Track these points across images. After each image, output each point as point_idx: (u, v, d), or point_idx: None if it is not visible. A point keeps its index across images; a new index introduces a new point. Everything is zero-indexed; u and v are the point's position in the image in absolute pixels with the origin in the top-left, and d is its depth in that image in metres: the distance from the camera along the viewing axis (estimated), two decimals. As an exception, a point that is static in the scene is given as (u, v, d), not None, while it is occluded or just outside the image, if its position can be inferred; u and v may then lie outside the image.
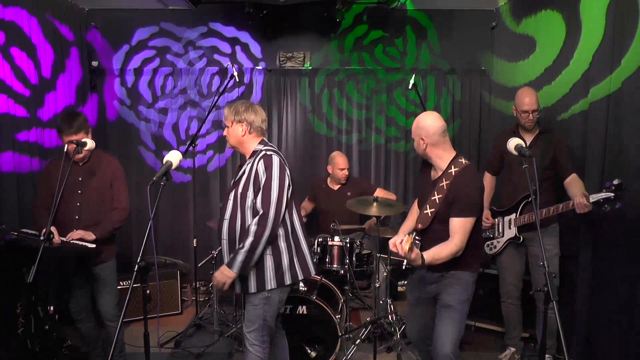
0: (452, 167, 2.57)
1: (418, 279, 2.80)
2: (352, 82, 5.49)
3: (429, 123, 2.58)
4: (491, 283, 4.08)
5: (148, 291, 4.10)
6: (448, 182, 2.55)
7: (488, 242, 3.69)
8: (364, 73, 5.46)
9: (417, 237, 2.66)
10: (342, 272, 4.01)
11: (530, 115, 3.41)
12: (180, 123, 5.48)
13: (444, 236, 2.53)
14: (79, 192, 3.14)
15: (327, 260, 4.02)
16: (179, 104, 5.43)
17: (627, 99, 3.07)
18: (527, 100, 3.41)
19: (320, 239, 4.03)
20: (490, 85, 5.28)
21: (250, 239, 2.56)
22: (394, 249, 2.31)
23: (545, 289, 2.09)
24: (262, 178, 2.60)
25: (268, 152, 2.65)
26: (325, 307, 3.51)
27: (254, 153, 2.71)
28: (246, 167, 2.68)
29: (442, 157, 2.62)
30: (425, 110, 4.56)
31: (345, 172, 4.73)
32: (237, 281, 2.67)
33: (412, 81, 4.28)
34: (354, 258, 4.10)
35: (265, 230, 2.56)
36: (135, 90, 5.43)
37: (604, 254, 3.25)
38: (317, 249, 3.96)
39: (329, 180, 4.88)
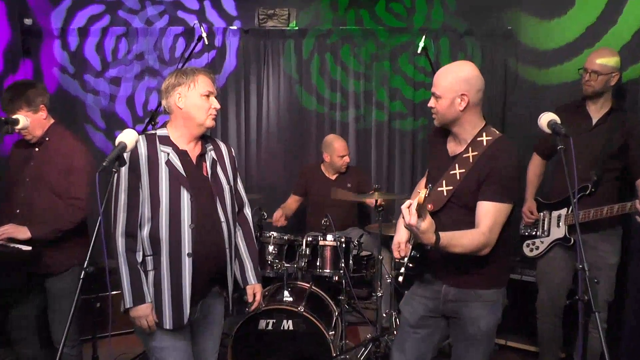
0: (484, 134, 2.41)
1: (426, 292, 2.61)
2: (348, 46, 5.46)
3: (474, 74, 2.41)
4: (523, 291, 4.07)
5: (98, 304, 4.06)
6: (476, 153, 2.39)
7: (529, 242, 3.66)
8: (363, 35, 5.42)
9: None
10: (337, 278, 3.99)
11: (587, 75, 3.33)
12: (136, 96, 5.43)
13: (461, 225, 2.34)
14: (27, 180, 3.07)
15: (317, 264, 4.00)
16: (135, 73, 5.39)
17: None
18: (592, 56, 3.34)
19: (309, 238, 4.00)
20: (517, 50, 5.26)
21: (254, 236, 2.87)
22: (404, 211, 2.10)
23: (586, 297, 2.07)
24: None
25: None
26: (315, 321, 3.49)
27: (203, 137, 2.66)
28: (211, 154, 2.63)
29: (475, 124, 2.44)
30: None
31: (347, 158, 4.76)
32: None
33: (421, 44, 4.26)
34: (350, 261, 4.09)
35: None
36: (80, 55, 5.36)
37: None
38: (306, 250, 3.94)
39: (323, 167, 4.87)
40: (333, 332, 3.73)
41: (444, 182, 2.45)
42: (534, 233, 3.64)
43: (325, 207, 4.52)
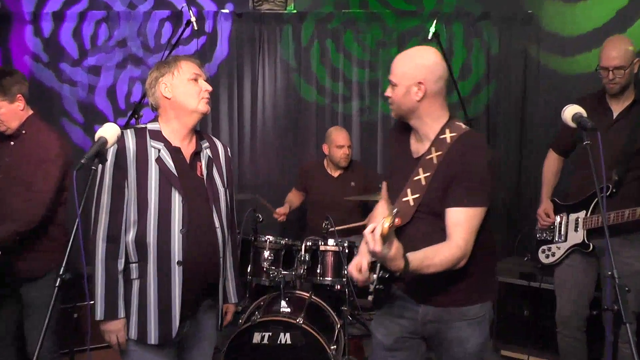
0: (447, 131, 2.34)
1: (402, 312, 2.49)
2: (352, 32, 5.47)
3: (434, 60, 2.34)
4: (546, 300, 4.04)
5: (76, 315, 4.06)
6: (440, 153, 2.31)
7: (544, 247, 3.65)
8: (368, 19, 5.44)
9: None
10: (339, 287, 4.00)
11: (611, 74, 3.27)
12: (117, 86, 5.44)
13: (434, 236, 2.27)
14: (0, 176, 3.08)
15: (318, 271, 3.99)
16: (116, 61, 5.39)
17: None
18: (606, 52, 3.29)
19: (309, 243, 3.99)
20: (538, 35, 5.26)
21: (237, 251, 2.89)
22: (368, 237, 1.98)
23: (615, 307, 2.06)
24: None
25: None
26: (315, 334, 3.49)
27: (198, 134, 2.67)
28: (207, 152, 2.63)
29: (438, 117, 2.37)
30: (450, 68, 4.54)
31: (346, 150, 4.74)
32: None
33: (432, 29, 4.26)
34: (354, 268, 4.09)
35: None
36: (55, 41, 5.37)
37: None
38: (305, 256, 3.93)
39: (326, 163, 4.87)
40: (335, 346, 3.71)
41: (408, 190, 2.36)
42: (550, 238, 3.63)
43: (325, 206, 4.51)
